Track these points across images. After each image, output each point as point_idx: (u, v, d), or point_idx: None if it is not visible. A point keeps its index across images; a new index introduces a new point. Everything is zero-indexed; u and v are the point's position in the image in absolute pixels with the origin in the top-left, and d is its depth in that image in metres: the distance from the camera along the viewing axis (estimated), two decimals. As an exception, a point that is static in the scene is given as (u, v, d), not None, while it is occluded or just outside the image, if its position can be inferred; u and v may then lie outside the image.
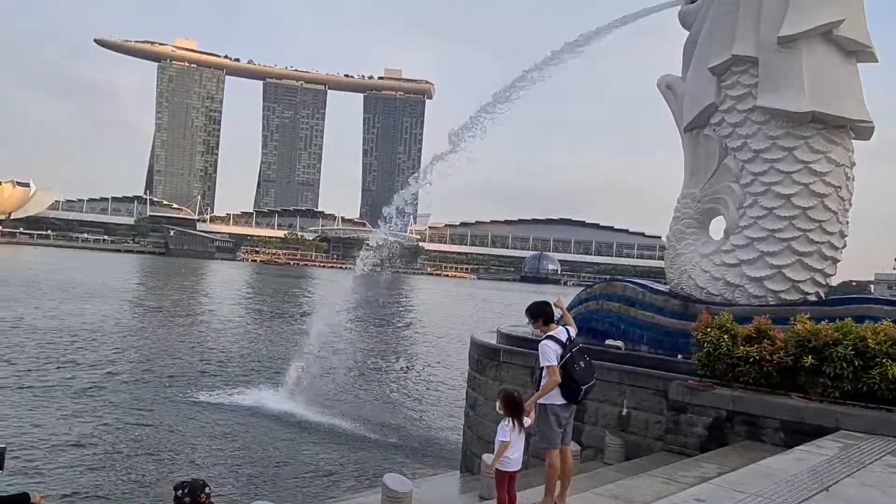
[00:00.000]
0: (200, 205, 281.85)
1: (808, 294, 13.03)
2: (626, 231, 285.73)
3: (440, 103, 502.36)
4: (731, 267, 13.52)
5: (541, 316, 7.91)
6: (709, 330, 10.97)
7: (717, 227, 14.72)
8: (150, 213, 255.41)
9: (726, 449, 9.85)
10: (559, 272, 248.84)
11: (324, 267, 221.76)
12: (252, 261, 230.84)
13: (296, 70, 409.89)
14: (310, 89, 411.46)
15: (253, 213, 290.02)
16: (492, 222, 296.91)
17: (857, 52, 13.05)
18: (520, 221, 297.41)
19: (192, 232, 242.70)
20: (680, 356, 12.83)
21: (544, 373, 7.64)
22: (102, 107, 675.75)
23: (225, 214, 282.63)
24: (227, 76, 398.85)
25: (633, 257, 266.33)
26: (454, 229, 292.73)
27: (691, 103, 14.60)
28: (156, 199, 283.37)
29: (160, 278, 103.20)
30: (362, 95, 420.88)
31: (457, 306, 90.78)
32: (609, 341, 14.65)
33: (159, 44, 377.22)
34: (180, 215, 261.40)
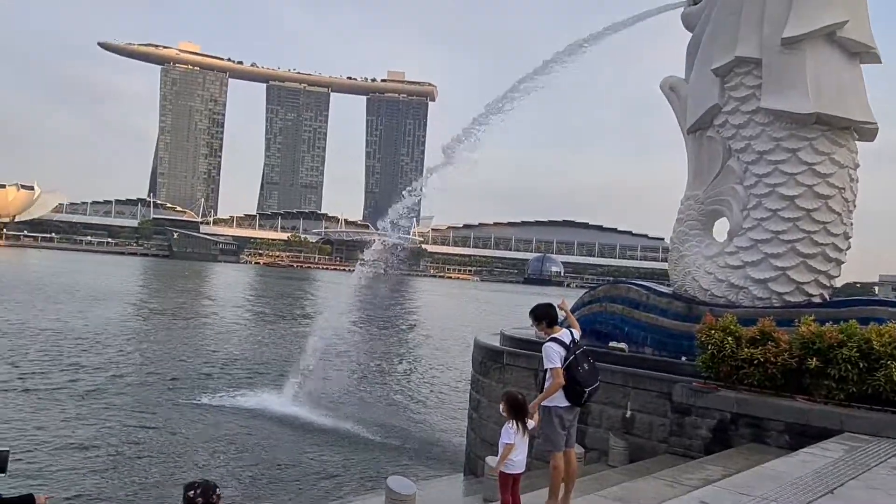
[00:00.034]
0: (204, 207, 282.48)
1: (812, 296, 12.99)
2: (629, 233, 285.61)
3: (443, 105, 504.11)
4: (734, 269, 13.49)
5: (545, 318, 7.90)
6: (713, 332, 10.95)
7: (721, 228, 14.70)
8: (154, 216, 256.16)
9: (731, 451, 9.82)
10: (562, 274, 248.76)
11: (327, 269, 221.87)
12: (255, 263, 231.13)
13: (299, 73, 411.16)
14: (313, 92, 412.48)
15: (256, 216, 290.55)
16: (495, 224, 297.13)
17: (861, 53, 13.02)
18: (523, 223, 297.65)
19: (195, 234, 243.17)
20: (684, 358, 12.80)
21: (548, 375, 7.63)
22: (106, 110, 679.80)
23: (228, 217, 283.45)
24: (230, 79, 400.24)
25: (636, 259, 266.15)
26: (457, 231, 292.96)
27: (694, 105, 14.58)
28: (159, 201, 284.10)
29: (164, 281, 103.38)
30: (365, 98, 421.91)
31: (460, 308, 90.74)
32: (613, 343, 14.61)
33: (163, 47, 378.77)
34: (184, 218, 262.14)
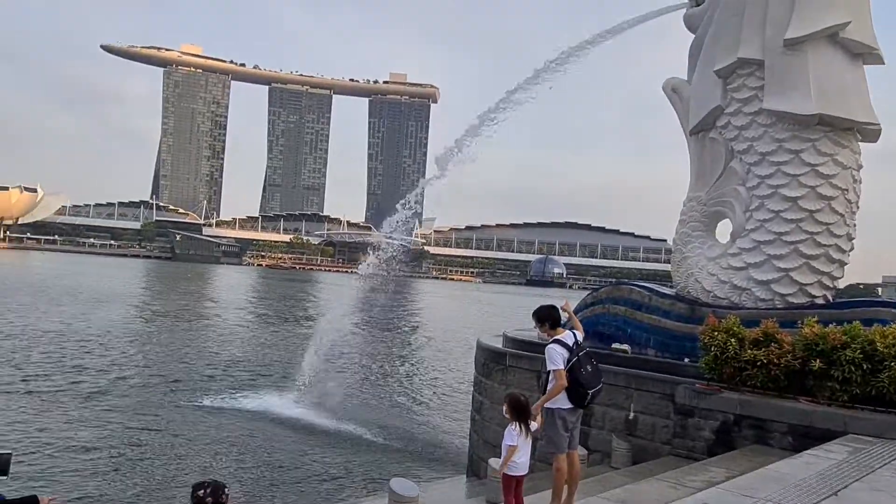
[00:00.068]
0: (206, 209, 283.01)
1: (815, 297, 12.97)
2: (631, 234, 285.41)
3: (445, 107, 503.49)
4: (737, 270, 13.48)
5: (548, 320, 7.91)
6: (716, 333, 10.94)
7: (724, 230, 14.68)
8: (157, 218, 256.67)
9: (734, 453, 9.81)
10: (565, 276, 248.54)
11: (329, 271, 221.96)
12: (258, 265, 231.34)
13: (301, 75, 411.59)
14: (315, 94, 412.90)
15: (258, 218, 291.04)
16: (497, 226, 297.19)
17: (864, 54, 13.01)
18: (525, 225, 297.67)
19: (198, 236, 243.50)
20: (687, 360, 12.78)
21: (551, 377, 7.63)
22: (109, 112, 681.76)
23: (231, 219, 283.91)
24: (232, 81, 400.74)
25: (638, 260, 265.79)
26: (459, 233, 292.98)
27: (697, 106, 14.57)
28: (162, 203, 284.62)
29: (166, 283, 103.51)
30: (367, 100, 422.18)
31: (462, 310, 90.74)
32: (615, 345, 14.60)
33: (165, 49, 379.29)
34: (186, 220, 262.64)
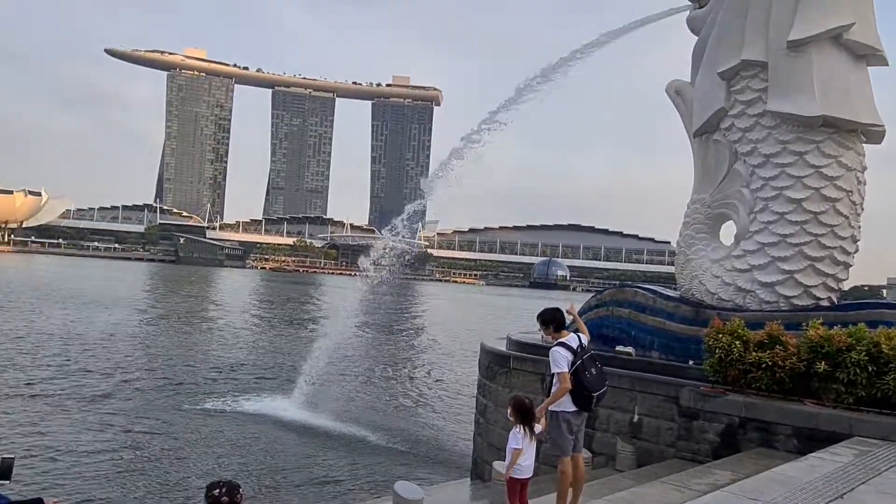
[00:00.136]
0: (210, 212, 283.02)
1: (820, 299, 12.93)
2: (635, 236, 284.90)
3: (448, 110, 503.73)
4: (742, 272, 13.45)
5: (552, 322, 7.91)
6: (720, 336, 10.91)
7: (728, 232, 14.66)
8: (160, 222, 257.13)
9: (739, 456, 9.78)
10: (568, 278, 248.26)
11: (332, 274, 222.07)
12: (261, 268, 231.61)
13: (304, 78, 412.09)
14: (318, 97, 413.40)
15: (262, 221, 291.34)
16: (500, 228, 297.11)
17: (868, 55, 12.98)
18: (528, 227, 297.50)
19: (201, 239, 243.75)
20: (691, 362, 12.76)
21: (555, 379, 7.62)
22: (113, 116, 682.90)
23: (234, 222, 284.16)
24: (235, 84, 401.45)
25: (642, 263, 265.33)
26: (462, 235, 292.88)
27: (700, 108, 14.56)
28: (166, 207, 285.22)
29: (170, 286, 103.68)
30: (370, 103, 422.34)
31: (466, 312, 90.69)
32: (619, 347, 14.59)
33: (169, 53, 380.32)
34: (190, 223, 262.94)
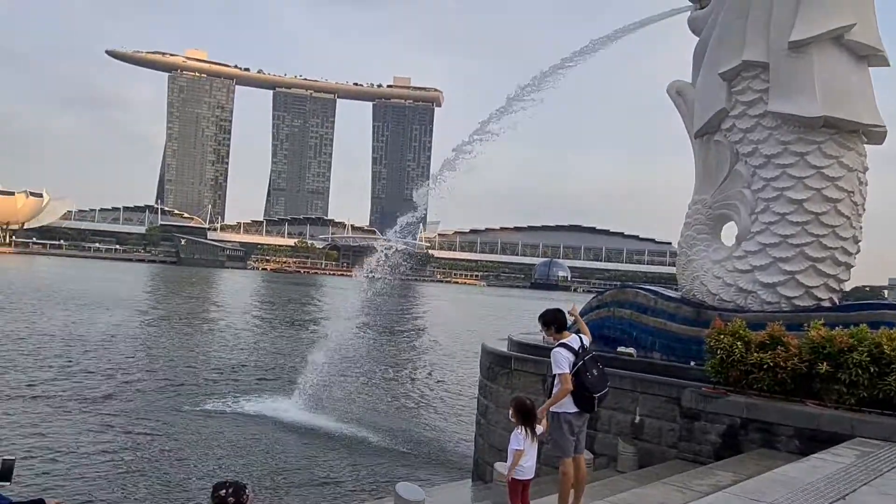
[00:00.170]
0: (211, 214, 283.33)
1: (821, 300, 12.92)
2: (636, 237, 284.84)
3: (449, 111, 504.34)
4: (743, 273, 13.44)
5: (553, 323, 7.90)
6: (722, 336, 10.89)
7: (729, 233, 14.66)
8: (162, 223, 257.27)
9: (741, 457, 9.76)
10: (569, 279, 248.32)
11: (334, 275, 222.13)
12: (262, 269, 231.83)
13: (305, 79, 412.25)
14: (319, 98, 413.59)
15: (263, 222, 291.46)
16: (501, 229, 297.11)
17: (869, 56, 12.98)
18: (529, 228, 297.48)
19: (202, 241, 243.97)
20: (693, 363, 12.76)
21: (556, 380, 7.62)
22: (114, 117, 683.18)
23: (235, 223, 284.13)
24: (237, 86, 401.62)
25: (643, 263, 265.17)
26: (463, 236, 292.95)
27: (702, 109, 14.56)
28: (167, 208, 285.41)
29: (171, 287, 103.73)
30: (371, 104, 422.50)
31: (467, 313, 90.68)
32: (621, 348, 14.58)
33: (170, 54, 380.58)
34: (191, 224, 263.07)
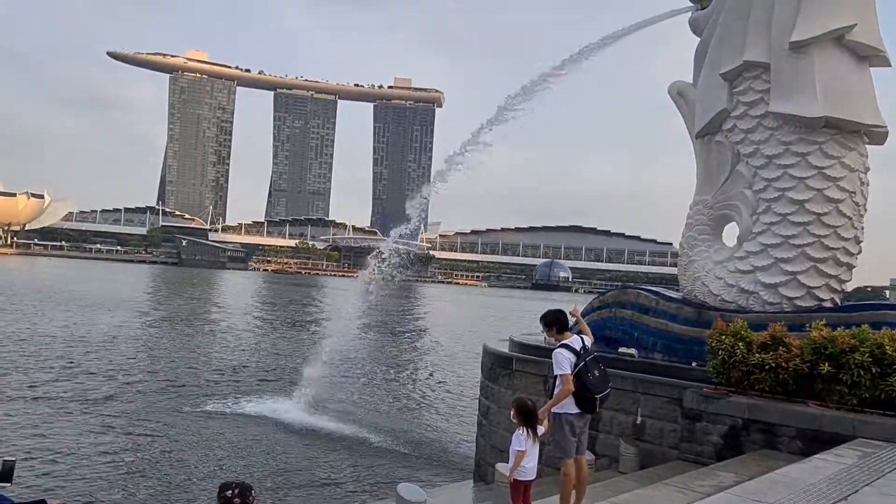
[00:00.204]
0: (212, 215, 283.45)
1: (823, 300, 12.91)
2: (637, 238, 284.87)
3: (450, 112, 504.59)
4: (744, 273, 13.43)
5: (555, 324, 7.89)
6: (723, 337, 10.88)
7: (731, 233, 14.64)
8: (163, 224, 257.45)
9: (743, 457, 9.75)
10: (570, 279, 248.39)
11: (335, 276, 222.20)
12: (263, 270, 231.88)
13: (306, 80, 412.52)
14: (320, 99, 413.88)
15: (264, 223, 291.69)
16: (502, 230, 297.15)
17: (870, 56, 12.96)
18: (530, 229, 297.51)
19: (204, 242, 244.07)
20: (694, 364, 12.74)
21: (558, 381, 7.61)
22: (115, 118, 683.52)
23: (236, 224, 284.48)
24: (238, 87, 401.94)
25: (644, 264, 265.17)
26: (465, 237, 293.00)
27: (703, 109, 14.55)
28: (168, 209, 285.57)
29: (173, 288, 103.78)
30: (372, 105, 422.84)
31: (468, 314, 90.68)
32: (622, 349, 14.57)
33: (171, 56, 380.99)
34: (192, 225, 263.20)
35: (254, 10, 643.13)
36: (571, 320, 8.17)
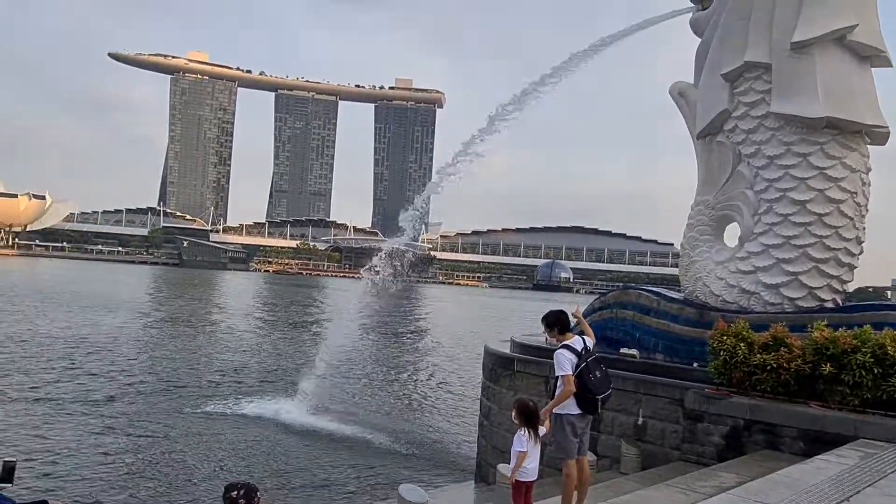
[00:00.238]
0: (213, 215, 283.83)
1: (824, 301, 12.90)
2: (638, 238, 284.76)
3: (451, 112, 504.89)
4: (746, 274, 13.42)
5: (556, 325, 7.89)
6: (725, 338, 10.87)
7: (732, 234, 14.63)
8: (164, 225, 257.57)
9: (744, 458, 9.74)
10: (572, 280, 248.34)
11: (336, 276, 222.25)
12: (264, 271, 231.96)
13: (307, 81, 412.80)
14: (321, 100, 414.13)
15: (265, 224, 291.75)
16: (503, 230, 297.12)
17: (872, 56, 12.96)
18: (531, 229, 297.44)
19: (205, 243, 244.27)
20: (696, 364, 12.73)
21: (559, 382, 7.61)
22: (116, 119, 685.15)
23: (237, 225, 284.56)
24: (239, 88, 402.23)
25: (645, 265, 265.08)
26: (466, 238, 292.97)
27: (704, 110, 14.54)
28: (169, 210, 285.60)
29: (174, 289, 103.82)
30: (373, 105, 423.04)
31: (469, 315, 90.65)
32: (624, 350, 14.56)
33: (172, 57, 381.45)
34: (193, 226, 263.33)
35: (254, 10, 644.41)
36: (573, 321, 8.17)
